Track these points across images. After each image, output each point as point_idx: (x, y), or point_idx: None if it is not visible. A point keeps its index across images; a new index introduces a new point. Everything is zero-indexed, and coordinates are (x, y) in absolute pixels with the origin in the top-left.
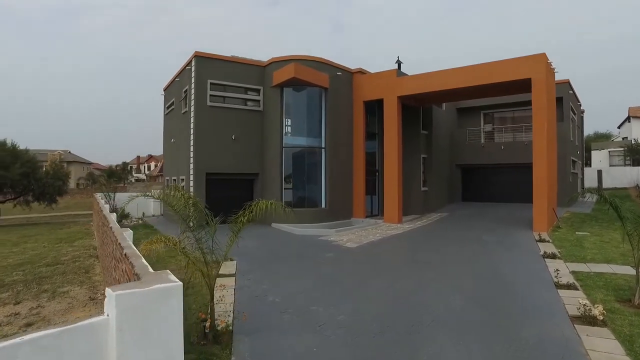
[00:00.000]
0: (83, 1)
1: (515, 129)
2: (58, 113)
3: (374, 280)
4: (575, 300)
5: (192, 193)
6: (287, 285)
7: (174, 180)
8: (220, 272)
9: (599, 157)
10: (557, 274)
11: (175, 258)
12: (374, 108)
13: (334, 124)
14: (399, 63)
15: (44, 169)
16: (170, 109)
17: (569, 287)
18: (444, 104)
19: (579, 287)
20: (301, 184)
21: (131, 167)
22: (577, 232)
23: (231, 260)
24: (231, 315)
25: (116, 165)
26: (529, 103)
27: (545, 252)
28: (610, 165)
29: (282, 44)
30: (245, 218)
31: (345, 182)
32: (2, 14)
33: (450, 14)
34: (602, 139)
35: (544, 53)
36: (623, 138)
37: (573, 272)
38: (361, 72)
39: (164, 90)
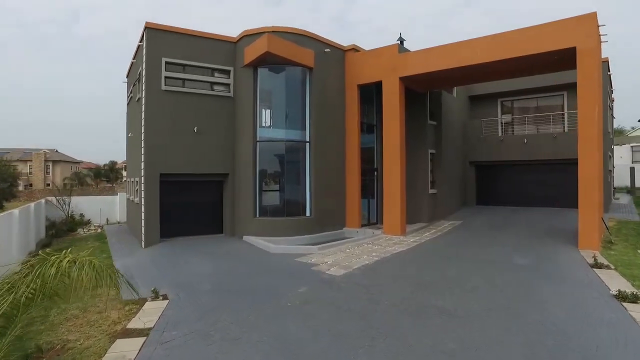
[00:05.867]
0: (84, 2)
1: (539, 119)
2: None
3: (354, 354)
4: None
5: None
6: None
7: (132, 182)
8: (130, 325)
9: (619, 153)
10: None
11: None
12: (372, 94)
13: (321, 113)
14: (401, 40)
15: None
16: (129, 97)
17: None
18: (454, 89)
19: None
20: (280, 187)
21: (125, 166)
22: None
23: (163, 299)
24: None
25: (104, 165)
26: (556, 88)
27: (619, 291)
28: (632, 162)
29: None
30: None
31: (335, 184)
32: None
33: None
34: (616, 133)
35: (595, 12)
36: None
37: None
38: (355, 49)
39: (127, 77)
